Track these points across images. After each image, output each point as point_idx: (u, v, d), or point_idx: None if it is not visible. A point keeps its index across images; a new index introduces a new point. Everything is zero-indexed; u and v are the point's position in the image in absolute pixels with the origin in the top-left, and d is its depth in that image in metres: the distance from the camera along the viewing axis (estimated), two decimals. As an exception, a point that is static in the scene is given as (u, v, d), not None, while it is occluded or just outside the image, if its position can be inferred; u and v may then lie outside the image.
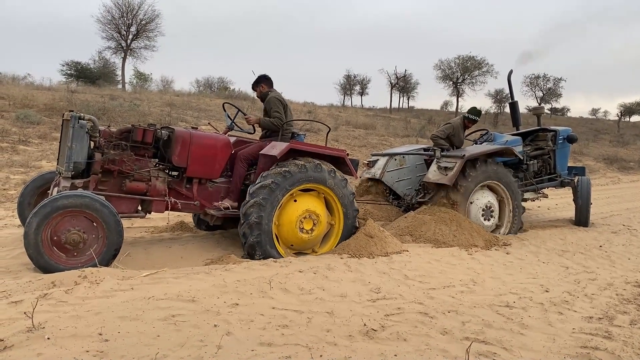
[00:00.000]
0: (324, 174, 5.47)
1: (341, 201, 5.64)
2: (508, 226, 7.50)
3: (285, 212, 5.36)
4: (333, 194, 5.59)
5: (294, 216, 5.32)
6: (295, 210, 5.35)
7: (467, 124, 7.98)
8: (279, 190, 5.17)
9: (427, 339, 3.27)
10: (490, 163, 7.27)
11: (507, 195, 7.46)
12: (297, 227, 5.32)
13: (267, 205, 5.10)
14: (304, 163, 5.36)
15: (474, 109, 7.96)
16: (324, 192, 5.58)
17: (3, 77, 24.47)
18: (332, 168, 5.58)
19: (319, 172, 5.43)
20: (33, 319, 2.93)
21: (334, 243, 5.71)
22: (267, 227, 5.11)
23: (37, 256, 4.20)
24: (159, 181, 5.33)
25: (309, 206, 5.41)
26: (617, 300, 4.48)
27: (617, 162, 23.60)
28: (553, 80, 53.66)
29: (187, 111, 19.17)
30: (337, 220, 5.73)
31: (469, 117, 7.89)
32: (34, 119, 12.89)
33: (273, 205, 5.15)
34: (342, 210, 5.68)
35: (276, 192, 5.15)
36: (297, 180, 5.29)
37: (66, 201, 4.28)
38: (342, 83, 59.86)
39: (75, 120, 4.86)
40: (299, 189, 5.40)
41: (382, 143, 19.74)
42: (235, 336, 3.03)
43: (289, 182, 5.23)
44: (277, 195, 5.16)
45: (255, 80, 6.21)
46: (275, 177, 5.16)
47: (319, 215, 5.44)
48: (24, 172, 9.23)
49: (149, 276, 4.14)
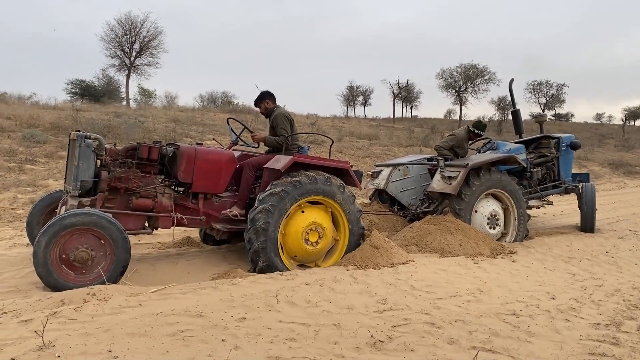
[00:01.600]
0: (333, 187, 5.50)
1: (348, 217, 5.66)
2: (514, 234, 7.49)
3: (293, 222, 5.39)
4: (341, 209, 5.61)
5: (300, 227, 5.35)
6: (302, 221, 5.39)
7: (472, 137, 8.03)
8: (288, 199, 5.20)
9: (434, 349, 3.28)
10: (494, 171, 7.29)
11: (511, 203, 7.46)
12: (303, 238, 5.34)
13: (275, 213, 5.13)
14: (314, 175, 5.41)
15: (480, 122, 8.02)
16: (331, 206, 5.60)
17: (9, 97, 24.75)
18: (341, 183, 5.62)
19: (329, 185, 5.47)
20: (43, 337, 2.97)
21: (337, 258, 5.71)
22: (273, 234, 5.13)
23: (46, 274, 4.24)
24: (165, 197, 5.38)
25: (315, 218, 5.44)
26: (624, 306, 4.47)
27: (623, 166, 23.49)
28: (556, 87, 53.61)
29: (191, 126, 19.30)
30: (342, 236, 5.74)
31: (475, 131, 7.92)
32: (40, 138, 13.02)
33: (281, 213, 5.18)
34: (349, 227, 5.69)
35: (285, 200, 5.18)
36: (307, 191, 5.32)
37: (74, 219, 4.33)
38: (345, 94, 60.01)
39: (82, 140, 4.93)
40: (307, 201, 5.43)
41: (386, 153, 19.79)
42: (243, 350, 3.06)
43: (298, 191, 5.26)
44: (286, 203, 5.20)
45: (259, 97, 6.25)
46: (286, 186, 5.20)
47: (324, 228, 5.47)
48: (31, 192, 9.32)
49: (156, 292, 4.18)
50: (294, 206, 5.30)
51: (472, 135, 8.01)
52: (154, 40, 34.76)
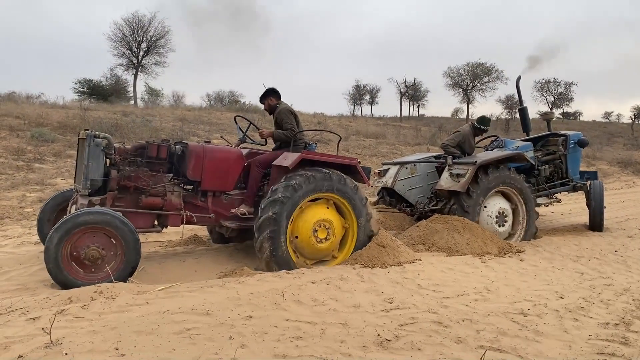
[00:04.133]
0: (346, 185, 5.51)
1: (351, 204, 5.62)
2: (522, 232, 7.45)
3: (300, 223, 5.37)
4: (348, 203, 5.58)
5: (308, 228, 5.31)
6: (308, 220, 5.35)
7: (477, 132, 8.00)
8: (301, 192, 5.19)
9: (441, 348, 3.26)
10: (502, 169, 7.25)
11: (520, 201, 7.43)
12: (313, 238, 5.32)
13: (288, 204, 5.13)
14: (328, 172, 5.41)
15: (484, 118, 7.99)
16: (333, 198, 5.57)
17: (18, 96, 24.94)
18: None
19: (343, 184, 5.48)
20: (51, 334, 2.98)
21: (351, 246, 5.67)
22: (284, 225, 5.11)
23: (56, 271, 4.27)
24: (174, 195, 5.40)
25: (321, 216, 5.41)
26: (633, 305, 4.43)
27: (632, 165, 23.28)
28: (564, 85, 53.31)
29: (198, 125, 19.35)
30: (351, 223, 5.69)
31: (480, 127, 7.90)
32: (48, 137, 13.10)
33: (293, 206, 5.18)
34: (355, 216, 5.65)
35: (298, 192, 5.17)
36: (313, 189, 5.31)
37: (88, 217, 4.36)
38: (352, 93, 60.04)
39: (91, 139, 4.95)
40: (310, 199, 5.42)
41: (393, 152, 19.74)
42: (249, 348, 3.06)
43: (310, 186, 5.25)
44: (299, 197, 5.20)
45: (263, 94, 6.26)
46: (299, 179, 5.19)
47: (331, 222, 5.44)
48: (39, 190, 9.37)
49: (163, 290, 4.19)
50: (305, 200, 5.27)
51: (477, 131, 7.98)
52: (161, 39, 34.95)
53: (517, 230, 7.46)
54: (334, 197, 5.51)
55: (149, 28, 34.24)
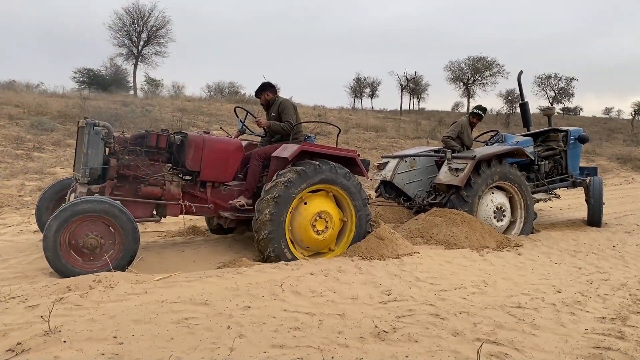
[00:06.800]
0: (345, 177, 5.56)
1: (351, 197, 5.64)
2: (520, 227, 7.47)
3: (298, 213, 5.39)
4: (344, 192, 5.60)
5: (306, 218, 5.34)
6: (307, 211, 5.37)
7: (473, 120, 8.05)
8: (295, 187, 5.20)
9: (438, 340, 3.28)
10: (502, 164, 7.26)
11: (518, 196, 7.44)
12: (311, 228, 5.34)
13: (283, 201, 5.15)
14: (335, 165, 5.47)
15: (479, 105, 8.19)
16: (333, 190, 5.59)
17: (17, 85, 24.87)
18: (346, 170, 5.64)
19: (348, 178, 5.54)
20: (49, 322, 2.99)
21: (348, 239, 5.70)
22: (281, 223, 5.14)
23: (54, 259, 4.27)
24: (173, 185, 5.40)
25: (320, 207, 5.44)
26: (630, 300, 4.45)
27: (631, 161, 23.34)
28: (565, 80, 53.18)
29: (198, 116, 19.32)
30: (350, 217, 5.71)
31: (474, 112, 8.05)
32: (47, 126, 13.09)
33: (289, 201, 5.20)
34: (354, 211, 5.68)
35: (293, 188, 5.19)
36: (310, 181, 5.32)
37: (86, 206, 4.35)
38: (352, 86, 59.86)
39: (91, 127, 4.94)
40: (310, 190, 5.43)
41: (393, 145, 19.73)
42: (247, 338, 3.07)
43: (306, 180, 5.26)
44: (295, 190, 5.21)
45: (259, 88, 6.22)
46: (292, 175, 5.21)
47: (330, 214, 5.47)
48: (38, 179, 9.37)
49: (162, 280, 4.19)
50: (304, 192, 5.30)
51: (473, 118, 8.06)
52: (162, 29, 34.79)
53: (515, 225, 7.48)
54: (334, 189, 5.52)
55: (149, 18, 34.09)
